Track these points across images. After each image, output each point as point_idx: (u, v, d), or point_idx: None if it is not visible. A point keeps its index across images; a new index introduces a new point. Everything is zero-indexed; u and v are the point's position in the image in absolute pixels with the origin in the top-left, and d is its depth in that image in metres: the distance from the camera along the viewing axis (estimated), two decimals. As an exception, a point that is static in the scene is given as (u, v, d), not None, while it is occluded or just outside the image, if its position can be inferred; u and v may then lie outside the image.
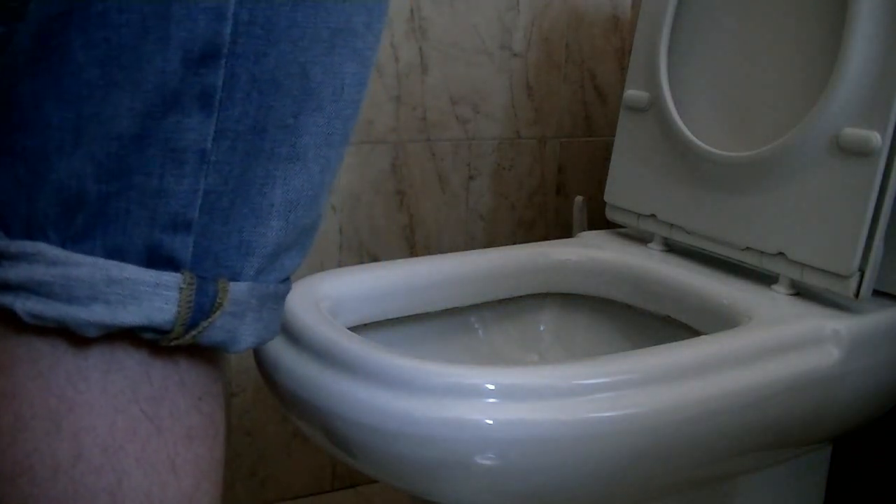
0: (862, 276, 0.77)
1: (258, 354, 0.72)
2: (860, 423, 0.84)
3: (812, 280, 0.80)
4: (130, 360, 0.39)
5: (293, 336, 0.68)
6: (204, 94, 0.37)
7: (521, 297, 0.94)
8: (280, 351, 0.69)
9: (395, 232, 1.15)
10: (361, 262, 1.11)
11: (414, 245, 1.17)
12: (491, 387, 0.61)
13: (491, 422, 0.60)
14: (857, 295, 0.77)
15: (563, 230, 1.26)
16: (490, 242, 1.21)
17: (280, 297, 0.43)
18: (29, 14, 0.36)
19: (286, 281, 0.44)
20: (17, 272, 0.37)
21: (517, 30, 1.17)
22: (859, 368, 0.77)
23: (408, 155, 1.13)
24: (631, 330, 0.94)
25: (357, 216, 1.12)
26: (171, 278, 0.38)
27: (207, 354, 0.42)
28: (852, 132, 0.76)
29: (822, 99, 0.78)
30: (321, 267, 1.10)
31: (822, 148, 0.79)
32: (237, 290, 0.40)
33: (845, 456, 0.92)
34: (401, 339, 0.86)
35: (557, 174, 1.25)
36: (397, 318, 0.85)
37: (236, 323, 0.40)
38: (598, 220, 1.15)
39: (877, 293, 0.80)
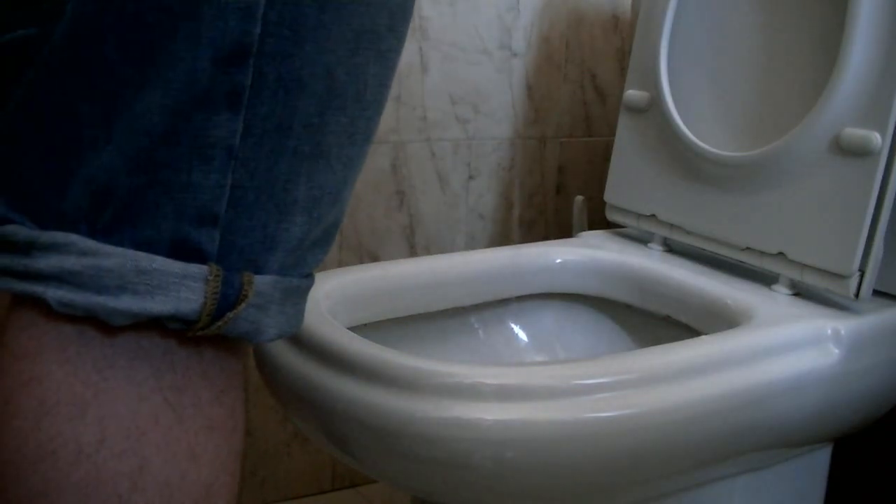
0: (862, 276, 0.77)
1: (258, 354, 0.72)
2: (860, 423, 0.84)
3: (812, 280, 0.80)
4: (156, 350, 0.40)
5: (293, 336, 0.68)
6: (232, 93, 0.38)
7: (521, 297, 0.94)
8: (280, 351, 0.69)
9: (395, 232, 1.15)
10: (361, 262, 1.11)
11: (414, 245, 1.17)
12: (491, 387, 0.61)
13: (491, 422, 0.60)
14: (857, 295, 0.77)
15: (563, 230, 1.26)
16: (490, 242, 1.21)
17: (303, 292, 0.44)
18: (65, 15, 0.37)
19: (309, 276, 0.45)
20: (47, 262, 0.38)
21: (517, 30, 1.17)
22: (859, 368, 0.77)
23: (408, 155, 1.13)
24: (631, 330, 0.94)
25: (357, 216, 1.12)
26: (197, 270, 0.39)
27: (231, 348, 0.43)
28: (852, 132, 0.76)
29: (822, 99, 0.78)
30: (321, 267, 1.10)
31: (823, 148, 0.79)
32: (262, 283, 0.41)
33: (845, 456, 0.92)
34: (401, 339, 0.86)
35: (557, 174, 1.25)
36: (397, 318, 0.85)
37: (260, 315, 0.41)
38: (598, 220, 1.15)
39: (877, 293, 0.80)
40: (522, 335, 0.96)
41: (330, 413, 0.63)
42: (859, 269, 0.77)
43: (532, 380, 0.63)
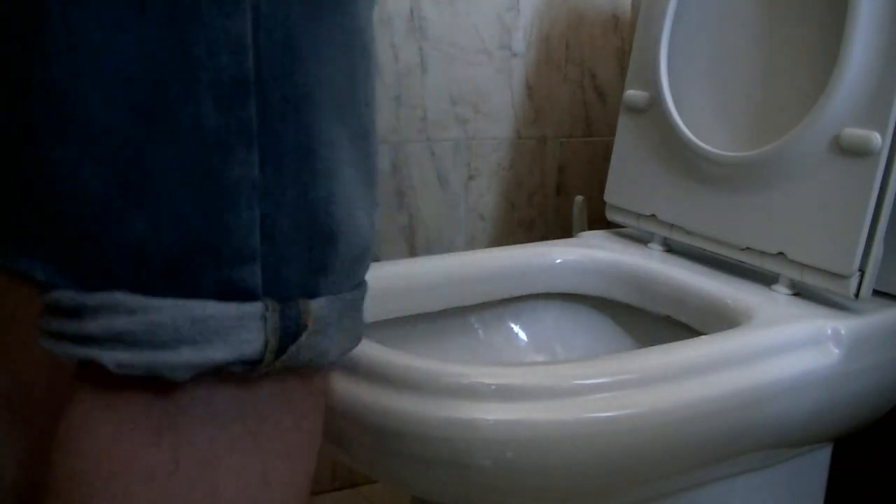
0: (862, 276, 0.77)
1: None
2: (860, 423, 0.84)
3: (812, 280, 0.80)
4: (238, 378, 0.39)
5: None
6: (241, 127, 0.37)
7: (521, 297, 0.94)
8: (280, 351, 0.69)
9: (395, 232, 1.15)
10: (361, 262, 1.11)
11: (414, 245, 1.16)
12: (491, 387, 0.61)
13: (491, 422, 0.60)
14: (857, 295, 0.77)
15: (563, 230, 1.26)
16: (490, 242, 1.21)
17: (358, 303, 0.43)
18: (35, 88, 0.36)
19: (360, 285, 0.44)
20: (98, 324, 0.37)
21: (517, 30, 1.17)
22: (859, 368, 0.77)
23: (408, 155, 1.13)
24: (631, 330, 0.94)
25: (357, 216, 1.12)
26: (253, 308, 0.38)
27: (318, 372, 0.42)
28: (852, 132, 0.76)
29: (822, 99, 0.78)
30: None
31: (822, 148, 0.79)
32: (317, 307, 0.40)
33: (845, 456, 0.92)
34: (401, 339, 0.86)
35: (557, 174, 1.25)
36: (397, 318, 0.85)
37: (320, 339, 0.40)
38: (598, 220, 1.15)
39: (877, 293, 0.80)
40: (522, 335, 0.96)
41: (330, 413, 0.63)
42: (859, 269, 0.77)
43: (532, 380, 0.63)
